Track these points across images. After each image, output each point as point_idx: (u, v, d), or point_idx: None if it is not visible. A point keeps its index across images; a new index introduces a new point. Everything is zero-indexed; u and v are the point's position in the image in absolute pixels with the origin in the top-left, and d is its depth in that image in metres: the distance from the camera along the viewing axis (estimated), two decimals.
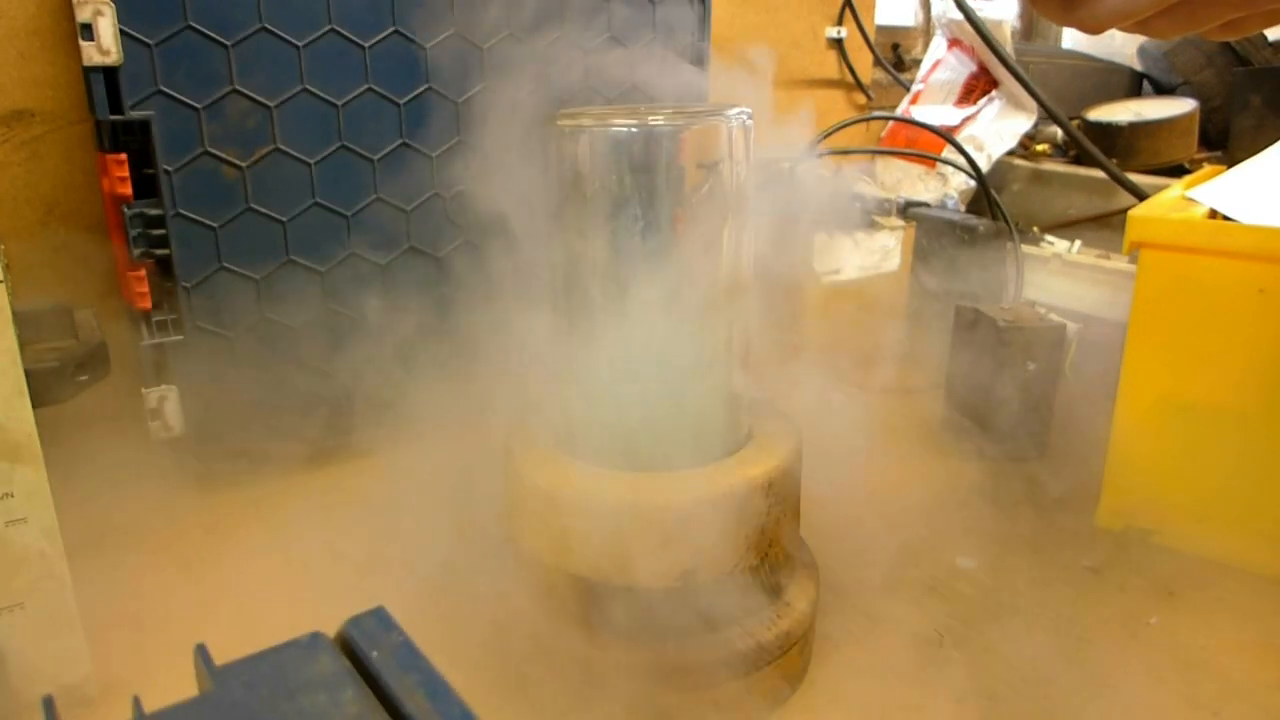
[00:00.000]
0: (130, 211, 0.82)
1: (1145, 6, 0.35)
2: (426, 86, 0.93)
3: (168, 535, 0.84)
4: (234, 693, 0.26)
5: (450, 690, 0.26)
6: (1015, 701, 0.64)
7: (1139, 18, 0.36)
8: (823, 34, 1.63)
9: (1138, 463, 0.83)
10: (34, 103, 0.90)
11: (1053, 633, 0.71)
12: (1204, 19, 0.37)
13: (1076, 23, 0.38)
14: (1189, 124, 1.48)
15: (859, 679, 0.66)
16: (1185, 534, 0.82)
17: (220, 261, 0.87)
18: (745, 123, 0.58)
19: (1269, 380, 0.75)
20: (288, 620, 0.70)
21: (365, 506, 0.89)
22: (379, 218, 0.94)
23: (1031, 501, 0.91)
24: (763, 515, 0.59)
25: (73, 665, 0.61)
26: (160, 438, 0.87)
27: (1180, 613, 0.74)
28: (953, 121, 1.53)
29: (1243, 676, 0.67)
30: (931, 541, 0.84)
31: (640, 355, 0.60)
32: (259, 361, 0.91)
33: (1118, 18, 0.36)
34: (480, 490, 0.77)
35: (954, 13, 1.44)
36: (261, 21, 0.83)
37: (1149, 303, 0.80)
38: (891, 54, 1.85)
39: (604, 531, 0.56)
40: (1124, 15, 0.36)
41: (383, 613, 0.29)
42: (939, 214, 1.26)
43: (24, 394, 0.54)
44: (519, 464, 0.61)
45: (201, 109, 0.83)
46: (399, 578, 0.77)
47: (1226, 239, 0.75)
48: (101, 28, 0.77)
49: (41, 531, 0.57)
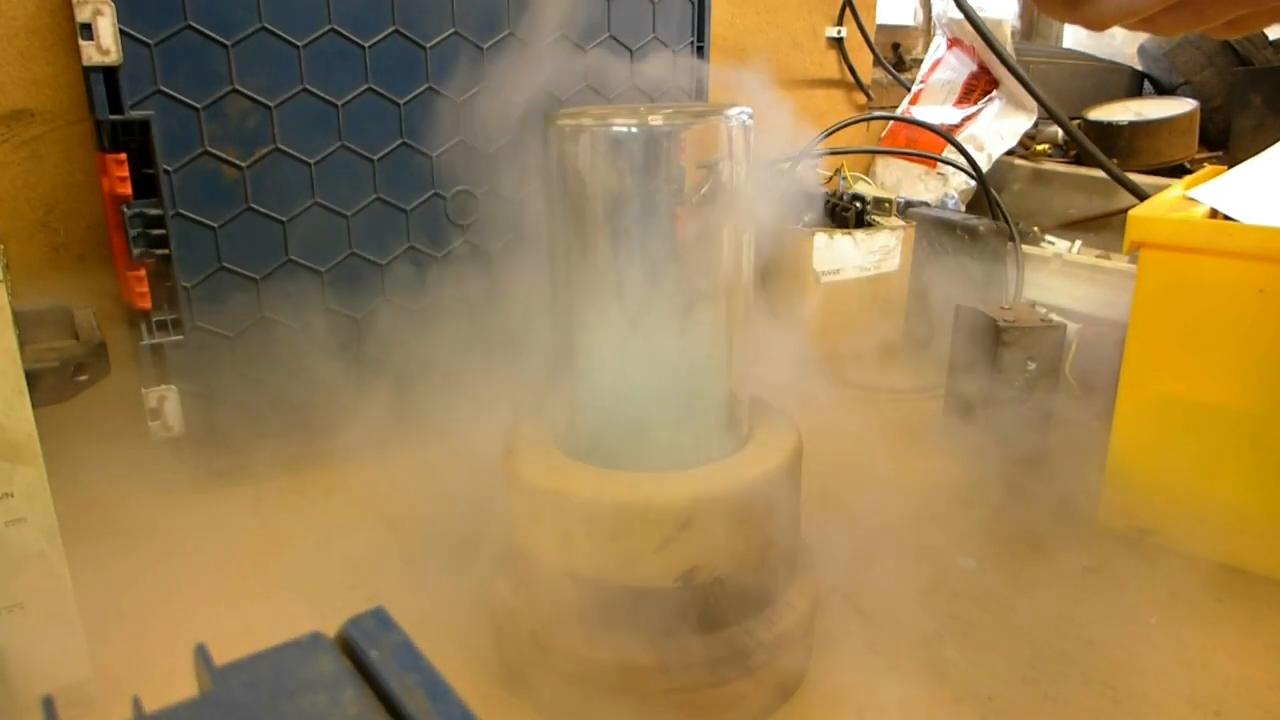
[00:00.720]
0: (130, 211, 0.82)
1: (1150, 4, 0.35)
2: (426, 86, 0.93)
3: (168, 535, 0.84)
4: (234, 693, 0.26)
5: (450, 690, 0.26)
6: (1015, 701, 0.64)
7: (1143, 15, 0.36)
8: (823, 34, 1.63)
9: (1138, 463, 0.83)
10: (34, 103, 0.90)
11: (1053, 633, 0.71)
12: (1208, 16, 0.36)
13: (1081, 20, 0.38)
14: (1189, 124, 1.48)
15: (859, 679, 0.66)
16: (1185, 534, 0.82)
17: (220, 261, 0.87)
18: (745, 122, 0.58)
19: (1269, 380, 0.75)
20: (287, 620, 0.71)
21: (365, 506, 0.89)
22: (379, 218, 0.94)
23: (1032, 501, 0.91)
24: (762, 515, 0.59)
25: (73, 665, 0.61)
26: (160, 438, 0.87)
27: (1180, 613, 0.74)
28: (953, 121, 1.53)
29: (1243, 676, 0.67)
30: (931, 541, 0.84)
31: (640, 355, 0.60)
32: (259, 361, 0.91)
33: (1122, 15, 0.36)
34: (481, 490, 0.77)
35: (954, 12, 1.44)
36: (261, 21, 0.83)
37: (1149, 303, 0.80)
38: (892, 54, 1.85)
39: (604, 531, 0.56)
40: (1128, 12, 0.36)
41: (383, 613, 0.29)
42: (939, 214, 1.26)
43: (24, 394, 0.54)
44: (519, 464, 0.61)
45: (201, 109, 0.83)
46: (399, 577, 0.77)
47: (1227, 239, 0.75)
48: (101, 27, 0.77)
49: (41, 531, 0.57)
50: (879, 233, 1.22)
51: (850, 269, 1.21)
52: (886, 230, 1.23)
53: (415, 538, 0.82)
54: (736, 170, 0.58)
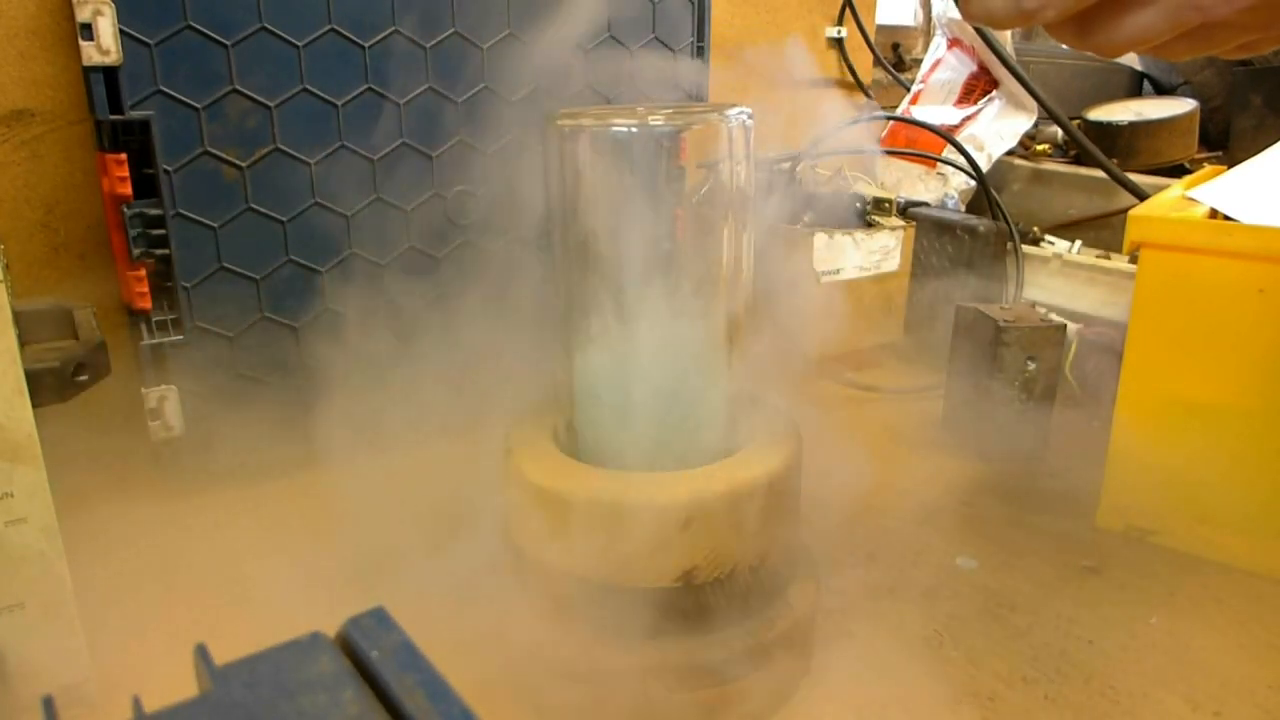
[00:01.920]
0: (130, 211, 0.82)
1: (1162, 31, 0.35)
2: (426, 86, 0.93)
3: (168, 535, 0.84)
4: (234, 693, 0.26)
5: (450, 690, 0.26)
6: (1015, 701, 0.64)
7: (1156, 42, 0.36)
8: (823, 34, 1.63)
9: (1138, 463, 0.83)
10: (34, 103, 0.90)
11: (1053, 633, 0.71)
12: (1220, 41, 0.37)
13: (1093, 47, 0.38)
14: (1189, 124, 1.48)
15: (859, 679, 0.66)
16: (1185, 534, 0.82)
17: (220, 261, 0.87)
18: (745, 122, 0.58)
19: (1269, 380, 0.75)
20: (287, 620, 0.71)
21: (366, 506, 0.89)
22: (379, 218, 0.94)
23: (1032, 501, 0.91)
24: (762, 515, 0.59)
25: (73, 665, 0.61)
26: (160, 438, 0.87)
27: (1180, 613, 0.74)
28: (953, 121, 1.53)
29: (1243, 676, 0.67)
30: (931, 541, 0.84)
31: (640, 355, 0.60)
32: (259, 361, 0.91)
33: (1135, 43, 0.36)
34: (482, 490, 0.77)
35: (954, 12, 1.44)
36: (261, 21, 0.83)
37: (1149, 303, 0.80)
38: (891, 54, 1.85)
39: (604, 531, 0.56)
40: (1141, 41, 0.36)
41: (383, 613, 0.29)
42: (939, 214, 1.26)
43: (24, 394, 0.54)
44: (519, 464, 0.61)
45: (201, 109, 0.83)
46: (399, 577, 0.77)
47: (1226, 239, 0.75)
48: (101, 27, 0.77)
49: (41, 531, 0.57)
50: (879, 233, 1.22)
51: (850, 269, 1.21)
52: (886, 230, 1.23)
53: (415, 537, 0.82)
54: (736, 170, 0.58)
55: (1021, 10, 0.37)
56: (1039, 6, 0.37)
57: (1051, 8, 0.37)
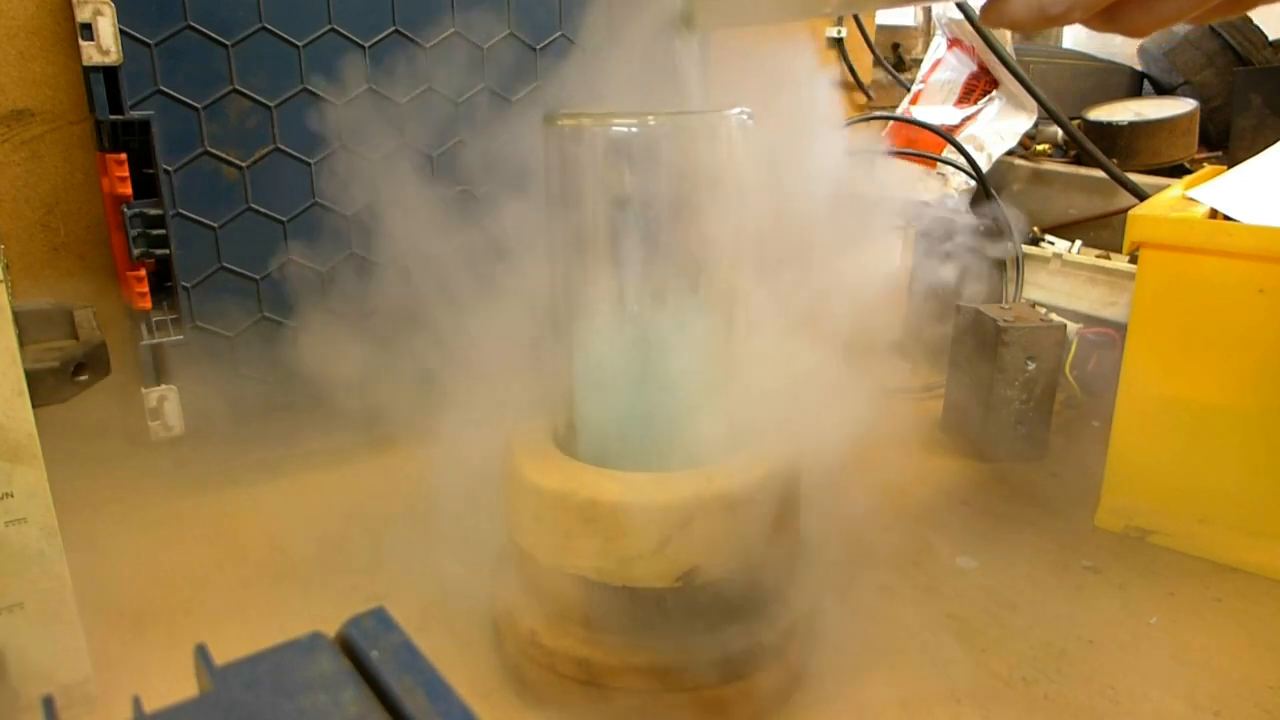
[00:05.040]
0: (130, 211, 0.82)
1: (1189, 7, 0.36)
2: (426, 87, 0.93)
3: (168, 535, 0.84)
4: (234, 693, 0.26)
5: (450, 690, 0.26)
6: (1015, 701, 0.64)
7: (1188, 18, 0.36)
8: (823, 34, 1.63)
9: (1138, 463, 0.83)
10: (34, 103, 0.89)
11: (1053, 632, 0.71)
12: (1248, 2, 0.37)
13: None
14: (1189, 124, 1.48)
15: (859, 678, 0.66)
16: (1185, 534, 0.82)
17: (220, 261, 0.87)
18: (745, 122, 0.58)
19: (1269, 380, 0.75)
20: (287, 620, 0.71)
21: (366, 506, 0.89)
22: (379, 218, 0.94)
23: (1032, 501, 0.91)
24: (763, 515, 0.59)
25: (73, 665, 0.61)
26: (160, 438, 0.87)
27: (1180, 613, 0.74)
28: (953, 121, 1.53)
29: (1243, 676, 0.67)
30: (931, 541, 0.84)
31: (639, 354, 0.60)
32: (259, 361, 0.91)
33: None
34: (482, 490, 0.77)
35: (954, 12, 1.44)
36: (261, 21, 0.83)
37: (1149, 303, 0.80)
38: (891, 54, 1.85)
39: (603, 531, 0.56)
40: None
41: (383, 613, 0.29)
42: (939, 214, 1.26)
43: (24, 394, 0.54)
44: (519, 464, 0.61)
45: (201, 109, 0.83)
46: (399, 577, 0.77)
47: (1226, 239, 0.75)
48: (101, 27, 0.77)
49: (41, 531, 0.57)
50: None
51: None
52: None
53: (416, 537, 0.82)
54: (736, 170, 0.58)
55: (1046, 15, 0.37)
56: (1065, 10, 0.37)
57: (1078, 9, 0.37)
